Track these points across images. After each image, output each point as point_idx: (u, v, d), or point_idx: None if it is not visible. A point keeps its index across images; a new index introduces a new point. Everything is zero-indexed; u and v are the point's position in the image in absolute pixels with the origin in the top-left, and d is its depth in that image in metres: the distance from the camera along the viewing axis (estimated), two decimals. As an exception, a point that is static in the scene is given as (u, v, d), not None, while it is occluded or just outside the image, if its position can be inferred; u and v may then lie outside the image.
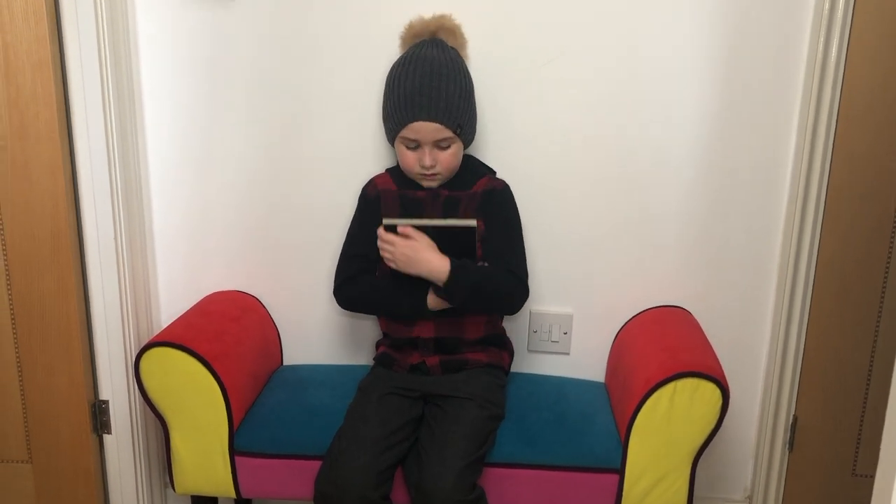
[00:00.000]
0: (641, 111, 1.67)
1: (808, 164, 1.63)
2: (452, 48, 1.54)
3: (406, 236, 1.45)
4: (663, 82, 1.65)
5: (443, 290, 1.46)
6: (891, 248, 1.66)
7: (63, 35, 1.59)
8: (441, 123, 1.46)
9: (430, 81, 1.45)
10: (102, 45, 1.59)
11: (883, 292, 1.68)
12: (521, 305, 1.56)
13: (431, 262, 1.45)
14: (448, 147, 1.50)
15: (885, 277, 1.67)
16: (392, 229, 1.46)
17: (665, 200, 1.72)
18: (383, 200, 1.59)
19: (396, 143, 1.53)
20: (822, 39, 1.57)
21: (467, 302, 1.49)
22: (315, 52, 1.68)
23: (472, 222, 1.46)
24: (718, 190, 1.70)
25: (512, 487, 1.48)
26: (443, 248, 1.46)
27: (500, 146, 1.69)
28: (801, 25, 1.60)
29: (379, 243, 1.48)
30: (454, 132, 1.48)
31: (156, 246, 1.82)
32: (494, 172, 1.63)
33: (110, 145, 1.64)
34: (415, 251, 1.45)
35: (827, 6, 1.55)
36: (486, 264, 1.52)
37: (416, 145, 1.49)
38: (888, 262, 1.66)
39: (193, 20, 1.67)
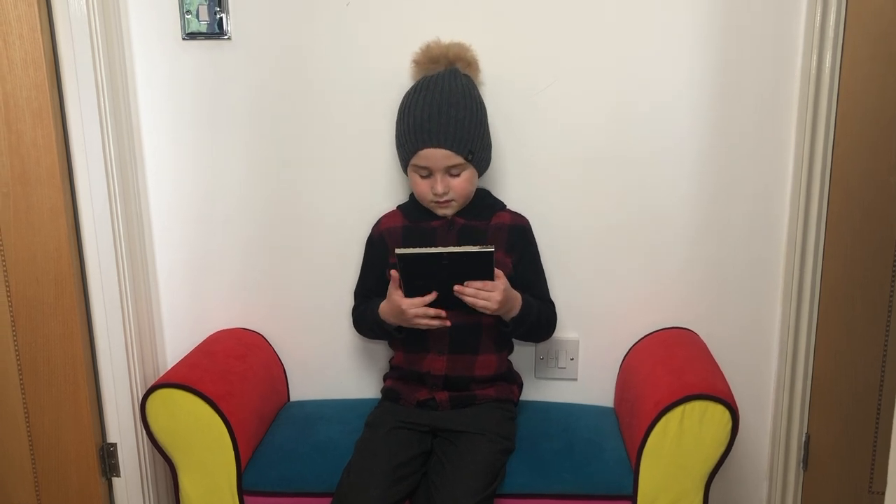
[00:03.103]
0: (641, 135, 1.67)
1: (808, 182, 1.63)
2: (466, 75, 1.55)
3: (498, 276, 1.43)
4: (664, 111, 1.66)
5: (509, 324, 1.50)
6: (895, 261, 1.65)
7: (62, 81, 1.61)
8: (451, 150, 1.46)
9: (439, 108, 1.46)
10: (101, 91, 1.61)
11: (890, 306, 1.67)
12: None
13: (517, 298, 1.49)
14: (460, 174, 1.50)
15: (892, 291, 1.66)
16: (411, 259, 1.37)
17: (668, 224, 1.71)
18: (388, 239, 1.59)
19: (409, 171, 1.53)
20: (815, 54, 1.58)
21: (524, 334, 1.57)
22: (316, 90, 1.69)
23: (491, 248, 1.37)
24: (721, 211, 1.70)
25: (524, 518, 1.47)
26: (460, 275, 1.40)
27: (501, 174, 1.70)
28: (793, 40, 1.61)
29: (474, 294, 1.41)
30: (465, 158, 1.48)
31: (159, 286, 1.82)
32: (505, 205, 1.64)
33: (111, 188, 1.65)
34: (506, 290, 1.44)
35: (818, 20, 1.56)
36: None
37: (428, 173, 1.50)
38: (893, 276, 1.65)
39: (191, 61, 1.69)
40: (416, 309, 1.44)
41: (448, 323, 1.46)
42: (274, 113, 1.71)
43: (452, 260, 1.37)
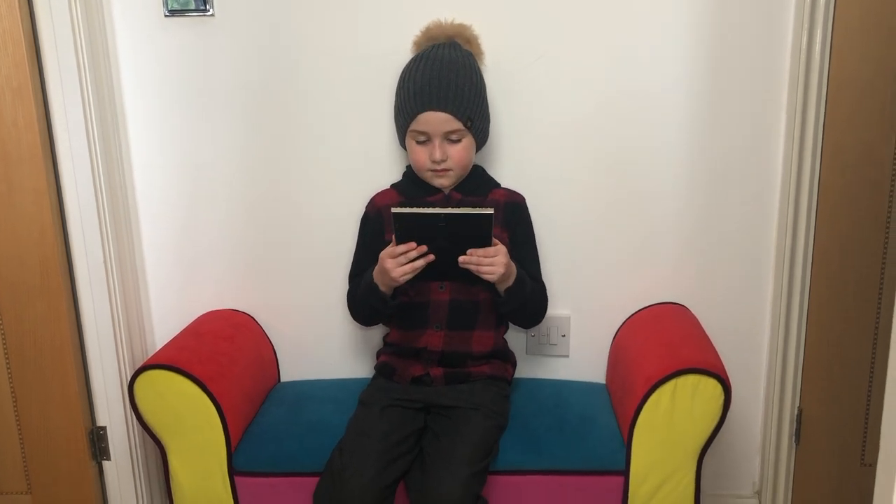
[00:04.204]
0: (633, 113, 1.66)
1: (799, 156, 1.62)
2: (467, 51, 1.54)
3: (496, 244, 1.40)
4: (654, 86, 1.64)
5: (503, 295, 1.47)
6: (887, 234, 1.65)
7: (42, 59, 1.58)
8: (450, 114, 1.45)
9: (439, 74, 1.46)
10: (82, 68, 1.58)
11: (882, 278, 1.67)
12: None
13: (513, 267, 1.45)
14: (459, 141, 1.48)
15: (884, 263, 1.65)
16: (406, 218, 1.33)
17: (659, 198, 1.70)
18: (385, 214, 1.57)
19: (407, 140, 1.52)
20: (805, 28, 1.56)
21: (514, 312, 1.53)
22: (304, 66, 1.67)
23: (490, 210, 1.32)
24: (713, 186, 1.69)
25: (517, 495, 1.46)
26: (457, 240, 1.35)
27: (496, 152, 1.68)
28: (784, 15, 1.60)
29: (479, 261, 1.38)
30: (464, 125, 1.47)
31: (146, 267, 1.80)
32: (499, 184, 1.63)
33: (95, 168, 1.63)
34: (508, 257, 1.42)
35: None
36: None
37: (426, 139, 1.48)
38: (885, 248, 1.65)
39: (174, 38, 1.66)
40: (397, 258, 1.38)
41: (432, 257, 1.38)
42: (262, 90, 1.69)
43: (450, 222, 1.33)
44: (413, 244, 1.37)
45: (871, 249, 1.66)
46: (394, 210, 1.34)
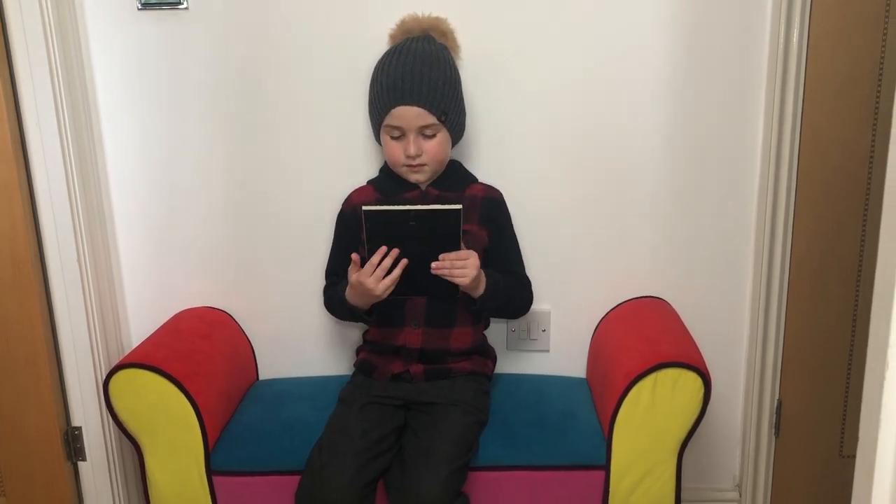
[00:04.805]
0: (611, 107, 1.66)
1: (777, 149, 1.63)
2: (442, 44, 1.53)
3: (469, 252, 1.39)
4: (632, 80, 1.64)
5: (477, 302, 1.46)
6: (864, 226, 1.65)
7: (11, 52, 1.55)
8: (424, 108, 1.43)
9: (412, 68, 1.44)
10: (53, 61, 1.55)
11: (859, 271, 1.68)
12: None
13: (482, 274, 1.44)
14: (434, 136, 1.47)
15: (861, 257, 1.66)
16: (375, 216, 1.33)
17: (638, 192, 1.70)
18: (361, 214, 1.55)
19: (382, 135, 1.50)
20: (783, 19, 1.56)
21: (494, 311, 1.57)
22: (280, 61, 1.65)
23: (458, 206, 1.32)
24: (691, 179, 1.69)
25: (497, 491, 1.46)
26: (426, 236, 1.34)
27: (474, 147, 1.67)
28: (761, 6, 1.60)
29: (451, 265, 1.36)
30: (439, 119, 1.45)
31: (121, 264, 1.78)
32: (477, 179, 1.62)
33: (68, 162, 1.60)
34: (478, 261, 1.40)
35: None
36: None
37: (400, 134, 1.46)
38: (863, 241, 1.66)
39: (147, 31, 1.64)
40: (374, 274, 1.35)
41: (405, 261, 1.36)
42: (236, 85, 1.66)
43: (419, 220, 1.33)
44: (384, 248, 1.35)
45: (850, 242, 1.67)
46: (364, 208, 1.33)
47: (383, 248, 1.35)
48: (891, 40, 1.56)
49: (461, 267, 1.37)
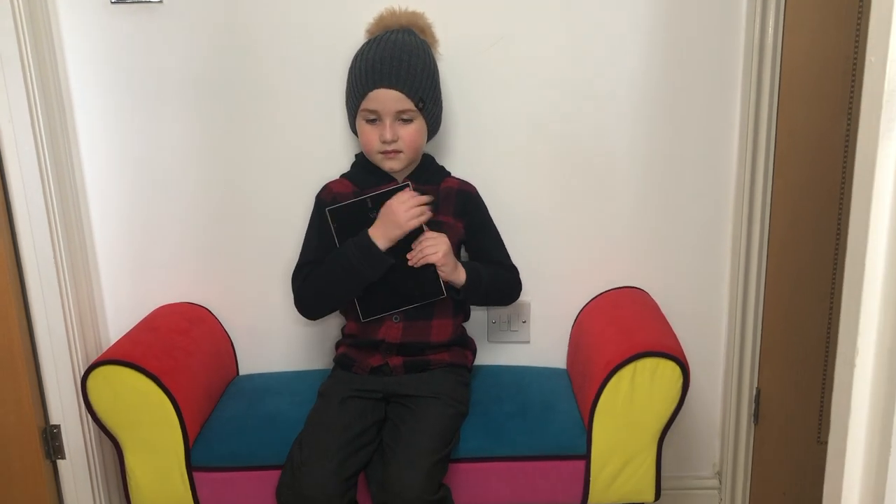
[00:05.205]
0: (588, 100, 1.66)
1: (754, 139, 1.64)
2: (423, 39, 1.53)
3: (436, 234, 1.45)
4: (609, 73, 1.65)
5: (460, 291, 1.48)
6: (839, 218, 1.67)
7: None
8: (402, 92, 1.43)
9: (391, 54, 1.44)
10: (25, 58, 1.53)
11: (835, 259, 1.69)
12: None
13: (458, 264, 1.49)
14: (410, 121, 1.46)
15: (837, 246, 1.68)
16: (339, 212, 1.44)
17: (616, 183, 1.71)
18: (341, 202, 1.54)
19: (358, 121, 1.49)
20: (758, 12, 1.58)
21: (483, 298, 1.60)
22: (256, 56, 1.64)
23: (407, 183, 1.44)
24: (668, 169, 1.70)
25: (479, 482, 1.46)
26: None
27: (451, 140, 1.67)
28: (737, 5, 1.62)
29: (424, 242, 1.43)
30: (416, 106, 1.45)
31: (98, 261, 1.76)
32: (450, 173, 1.62)
33: (42, 160, 1.58)
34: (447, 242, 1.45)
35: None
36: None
37: (376, 118, 1.46)
38: (838, 230, 1.67)
39: (121, 27, 1.62)
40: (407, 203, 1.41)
41: (432, 197, 1.46)
42: (212, 80, 1.65)
43: (376, 204, 1.42)
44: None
45: (826, 233, 1.68)
46: (328, 209, 1.43)
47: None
48: (864, 38, 1.56)
49: (431, 244, 1.42)
